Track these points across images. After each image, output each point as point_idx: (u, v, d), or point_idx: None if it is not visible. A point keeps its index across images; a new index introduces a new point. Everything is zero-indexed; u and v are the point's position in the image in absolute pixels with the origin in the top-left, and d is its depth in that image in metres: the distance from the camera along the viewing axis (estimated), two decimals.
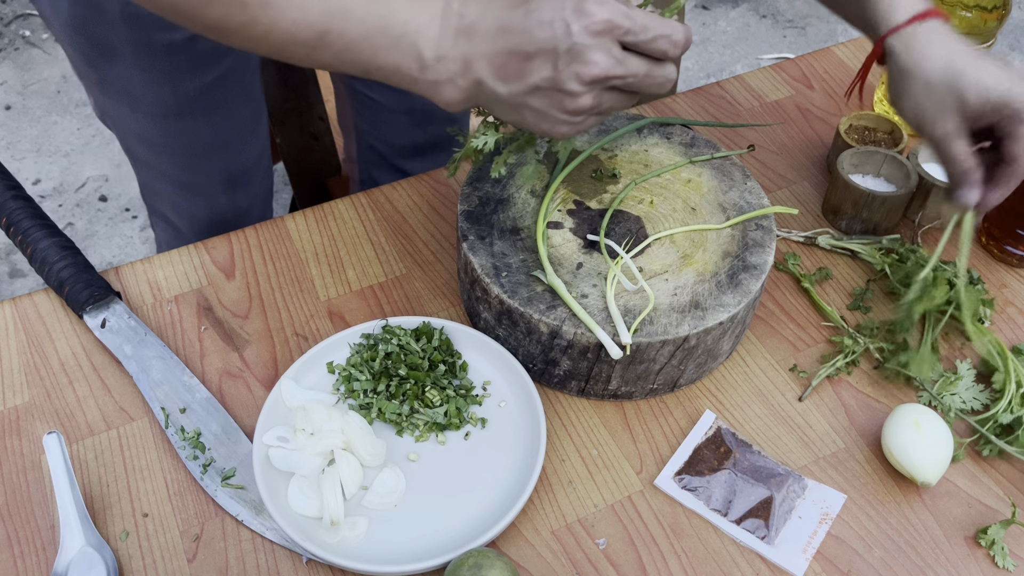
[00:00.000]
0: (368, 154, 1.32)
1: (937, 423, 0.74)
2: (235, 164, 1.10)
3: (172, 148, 1.04)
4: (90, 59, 0.94)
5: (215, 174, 1.09)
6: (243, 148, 1.10)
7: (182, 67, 0.95)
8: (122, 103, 0.99)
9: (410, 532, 0.71)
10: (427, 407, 0.77)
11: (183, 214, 1.14)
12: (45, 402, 0.81)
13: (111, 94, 0.98)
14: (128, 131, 1.04)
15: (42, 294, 0.89)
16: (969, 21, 0.94)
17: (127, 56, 0.92)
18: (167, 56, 0.93)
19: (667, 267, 0.80)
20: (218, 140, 1.05)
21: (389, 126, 1.26)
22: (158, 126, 1.01)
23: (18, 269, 2.01)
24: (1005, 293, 0.91)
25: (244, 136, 1.09)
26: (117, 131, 1.06)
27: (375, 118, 1.26)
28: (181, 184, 1.10)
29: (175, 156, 1.05)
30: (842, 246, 0.91)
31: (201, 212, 1.13)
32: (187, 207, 1.13)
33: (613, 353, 0.72)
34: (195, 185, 1.10)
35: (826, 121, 1.10)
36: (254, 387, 0.82)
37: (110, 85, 0.97)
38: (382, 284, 0.91)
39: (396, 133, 1.27)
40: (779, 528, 0.73)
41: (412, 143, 1.28)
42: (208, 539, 0.72)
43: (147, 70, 0.94)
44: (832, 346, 0.86)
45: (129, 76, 0.95)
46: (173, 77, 0.96)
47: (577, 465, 0.77)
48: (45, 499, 0.74)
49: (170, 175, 1.09)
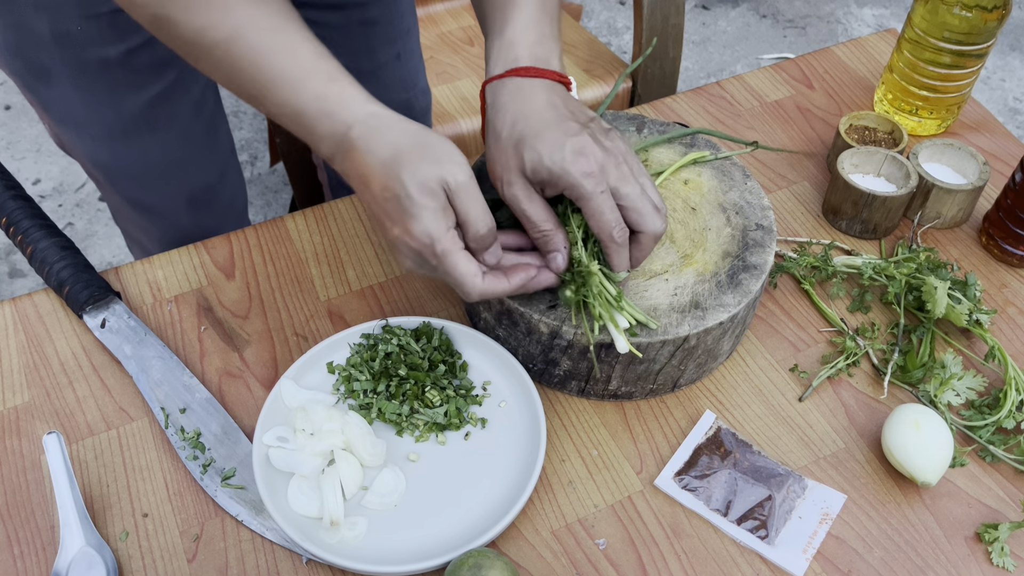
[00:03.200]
0: None
1: (937, 423, 0.74)
2: (195, 182, 1.07)
3: (124, 170, 1.01)
4: (29, 84, 0.92)
5: (174, 194, 1.06)
6: (202, 165, 1.07)
7: (121, 84, 0.92)
8: (68, 127, 0.97)
9: (410, 532, 0.71)
10: (427, 407, 0.77)
11: (152, 237, 1.12)
12: (45, 402, 0.81)
13: (56, 119, 0.96)
14: (81, 156, 1.01)
15: (42, 294, 0.89)
16: (969, 21, 0.94)
17: (63, 77, 0.90)
18: (103, 74, 0.90)
19: (667, 267, 0.80)
20: (171, 158, 1.02)
21: None
22: (106, 148, 0.98)
23: (18, 269, 2.01)
24: (1005, 293, 0.91)
25: (201, 152, 1.06)
26: (74, 156, 1.03)
27: None
28: (141, 206, 1.07)
29: (129, 179, 1.03)
30: (849, 264, 0.90)
31: (167, 234, 1.10)
32: (154, 229, 1.11)
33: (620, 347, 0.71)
34: (155, 207, 1.07)
35: (826, 121, 1.10)
36: (254, 387, 0.82)
37: (53, 109, 0.95)
38: (382, 284, 0.91)
39: None
40: (779, 528, 0.73)
41: None
42: (208, 539, 0.72)
43: (85, 90, 0.92)
44: (833, 347, 0.86)
45: (69, 98, 0.92)
46: (113, 95, 0.93)
47: (577, 465, 0.77)
48: (45, 499, 0.74)
49: (129, 198, 1.06)
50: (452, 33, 1.61)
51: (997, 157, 1.05)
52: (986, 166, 0.94)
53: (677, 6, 1.40)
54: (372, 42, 1.11)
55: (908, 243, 0.93)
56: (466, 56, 1.55)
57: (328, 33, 1.08)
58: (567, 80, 0.75)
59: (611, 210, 0.68)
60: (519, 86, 0.71)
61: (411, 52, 1.19)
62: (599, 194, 0.68)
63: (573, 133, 0.68)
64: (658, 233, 0.71)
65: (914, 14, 0.98)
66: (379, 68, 1.15)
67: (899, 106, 1.06)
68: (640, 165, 0.72)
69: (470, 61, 1.54)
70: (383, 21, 1.11)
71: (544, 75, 0.72)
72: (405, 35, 1.16)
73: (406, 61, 1.17)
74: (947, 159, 0.97)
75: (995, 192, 1.00)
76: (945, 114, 1.05)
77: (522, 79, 0.72)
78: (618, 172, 0.69)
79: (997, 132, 1.09)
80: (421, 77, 1.24)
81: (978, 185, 0.93)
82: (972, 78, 1.01)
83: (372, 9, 1.09)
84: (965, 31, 0.95)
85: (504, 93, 0.72)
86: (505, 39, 0.74)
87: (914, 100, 1.04)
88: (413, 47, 1.19)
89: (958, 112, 1.06)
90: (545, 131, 0.68)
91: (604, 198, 0.68)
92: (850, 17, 2.76)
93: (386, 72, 1.17)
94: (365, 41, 1.11)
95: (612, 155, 0.69)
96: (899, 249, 0.92)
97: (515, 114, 0.70)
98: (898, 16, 2.75)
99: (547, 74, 0.72)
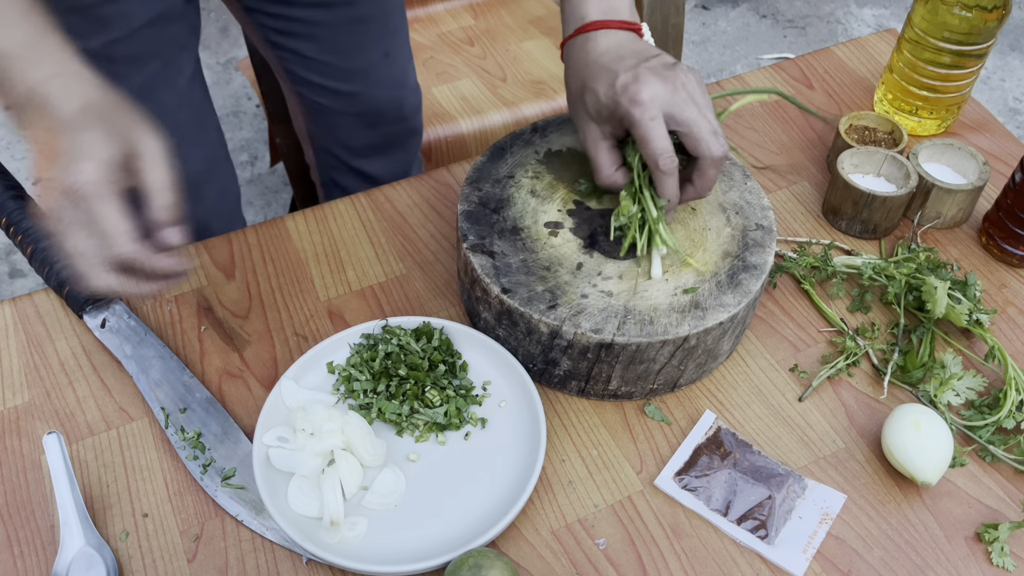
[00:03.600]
0: (325, 158, 1.31)
1: (937, 423, 0.74)
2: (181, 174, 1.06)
3: None
4: None
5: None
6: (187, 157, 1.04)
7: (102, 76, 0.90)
8: None
9: (410, 532, 0.71)
10: (427, 407, 0.77)
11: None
12: (45, 402, 0.81)
13: None
14: None
15: (42, 294, 0.89)
16: (969, 21, 0.94)
17: None
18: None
19: (667, 267, 0.80)
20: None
21: (341, 129, 1.25)
22: None
23: (18, 269, 2.01)
24: (1005, 293, 0.91)
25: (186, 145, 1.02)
26: None
27: (326, 122, 1.24)
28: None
29: None
30: (849, 264, 0.90)
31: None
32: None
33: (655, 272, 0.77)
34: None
35: (826, 121, 1.10)
36: (254, 387, 0.82)
37: None
38: (382, 284, 0.91)
39: (349, 135, 1.26)
40: (779, 528, 0.73)
41: (367, 144, 1.27)
42: (208, 539, 0.72)
43: None
44: (833, 347, 0.86)
45: None
46: None
47: (577, 465, 0.77)
48: (45, 499, 0.74)
49: None
50: (452, 33, 1.61)
51: (997, 157, 1.05)
52: (986, 166, 0.94)
53: (677, 6, 1.40)
54: (361, 40, 1.11)
55: (908, 243, 0.93)
56: (466, 56, 1.55)
57: (317, 31, 1.07)
58: (637, 26, 0.77)
59: (660, 138, 0.70)
60: (586, 40, 0.75)
61: (400, 50, 1.19)
62: (648, 121, 0.70)
63: (627, 68, 0.71)
64: (715, 157, 0.72)
65: (914, 14, 0.98)
66: (369, 66, 1.15)
67: (899, 106, 1.06)
68: (704, 95, 0.73)
69: (470, 61, 1.54)
70: (372, 19, 1.11)
71: (610, 25, 0.75)
72: (394, 33, 1.16)
73: (395, 59, 1.17)
74: (947, 159, 0.97)
75: (995, 192, 1.00)
76: (945, 114, 1.05)
77: (589, 33, 0.75)
78: (674, 99, 0.70)
79: (997, 132, 1.09)
80: (411, 75, 1.24)
81: (978, 185, 0.93)
82: (972, 78, 1.01)
83: (361, 7, 1.08)
84: (965, 31, 0.95)
85: (574, 51, 0.76)
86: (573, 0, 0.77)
87: (914, 100, 1.04)
88: (402, 45, 1.19)
89: (958, 112, 1.06)
90: (601, 73, 0.72)
91: (654, 125, 0.70)
92: (850, 17, 2.76)
93: (375, 70, 1.17)
94: (354, 39, 1.11)
95: (669, 82, 0.71)
96: (899, 249, 0.92)
97: (579, 66, 0.75)
98: (898, 16, 2.74)
99: (613, 24, 0.75)
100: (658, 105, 0.70)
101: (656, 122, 0.70)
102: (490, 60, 1.54)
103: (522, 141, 0.90)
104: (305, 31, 1.07)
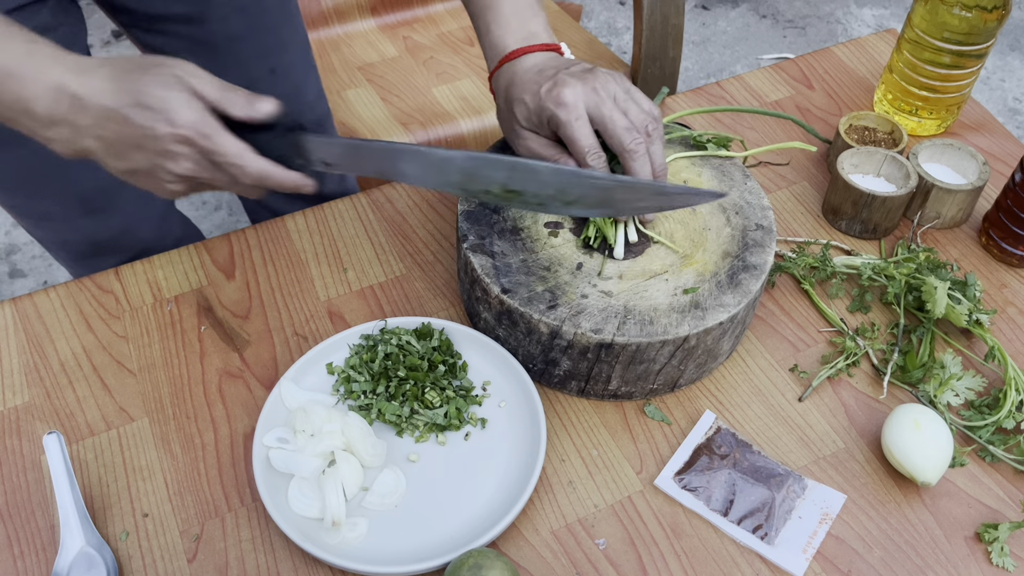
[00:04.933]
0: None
1: (937, 423, 0.74)
2: (86, 186, 1.02)
3: (4, 181, 0.98)
4: None
5: (64, 199, 1.02)
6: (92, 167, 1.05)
7: None
8: None
9: (410, 532, 0.71)
10: (427, 408, 0.77)
11: (55, 243, 1.09)
12: (45, 402, 0.81)
13: None
14: None
15: (42, 294, 0.89)
16: (969, 21, 0.94)
17: None
18: None
19: (667, 267, 0.80)
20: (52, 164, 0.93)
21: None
22: None
23: (18, 269, 2.01)
24: (1005, 293, 0.91)
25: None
26: None
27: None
28: (33, 214, 1.04)
29: (13, 188, 1.00)
30: (848, 264, 0.90)
31: (69, 237, 1.07)
32: (52, 235, 1.08)
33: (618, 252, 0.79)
34: (48, 214, 1.04)
35: (826, 121, 1.10)
36: (254, 387, 0.82)
37: None
38: (382, 284, 0.91)
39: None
40: (779, 528, 0.73)
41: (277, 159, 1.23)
42: (208, 539, 0.72)
43: None
44: (832, 347, 0.86)
45: None
46: None
47: (577, 465, 0.77)
48: (45, 499, 0.74)
49: (18, 207, 1.03)
50: (452, 33, 1.61)
51: (997, 157, 1.05)
52: (986, 166, 0.94)
53: (677, 6, 1.40)
54: (240, 56, 1.07)
55: (908, 243, 0.93)
56: (466, 56, 1.55)
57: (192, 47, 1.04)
58: (556, 47, 0.81)
59: (585, 136, 0.74)
60: (511, 66, 0.79)
61: (290, 66, 1.14)
62: (573, 121, 0.74)
63: (549, 76, 0.75)
64: (628, 151, 0.74)
65: (914, 14, 0.98)
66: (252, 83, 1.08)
67: (899, 106, 1.06)
68: (619, 86, 0.76)
69: (470, 61, 1.54)
70: (249, 36, 1.07)
71: (531, 50, 0.79)
72: (281, 49, 1.11)
73: (284, 76, 1.13)
74: (947, 159, 0.97)
75: (995, 192, 1.00)
76: (945, 114, 1.05)
77: (513, 61, 0.79)
78: (594, 97, 0.74)
79: (997, 132, 1.09)
80: (309, 91, 1.19)
81: (978, 185, 0.93)
82: (972, 78, 1.01)
83: (234, 24, 1.05)
84: (965, 31, 0.95)
85: (500, 79, 0.80)
86: (493, 35, 0.81)
87: (914, 100, 1.04)
88: (295, 61, 1.14)
89: (958, 112, 1.06)
90: (527, 85, 0.76)
91: (579, 124, 0.74)
92: (850, 17, 2.76)
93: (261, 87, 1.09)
94: (232, 56, 1.06)
95: (588, 84, 0.74)
96: (899, 249, 0.92)
97: (506, 87, 0.79)
98: (898, 16, 2.74)
99: (534, 49, 0.80)
100: (581, 105, 0.74)
101: (581, 121, 0.74)
102: None
103: None
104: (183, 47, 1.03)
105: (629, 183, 0.74)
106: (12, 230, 2.07)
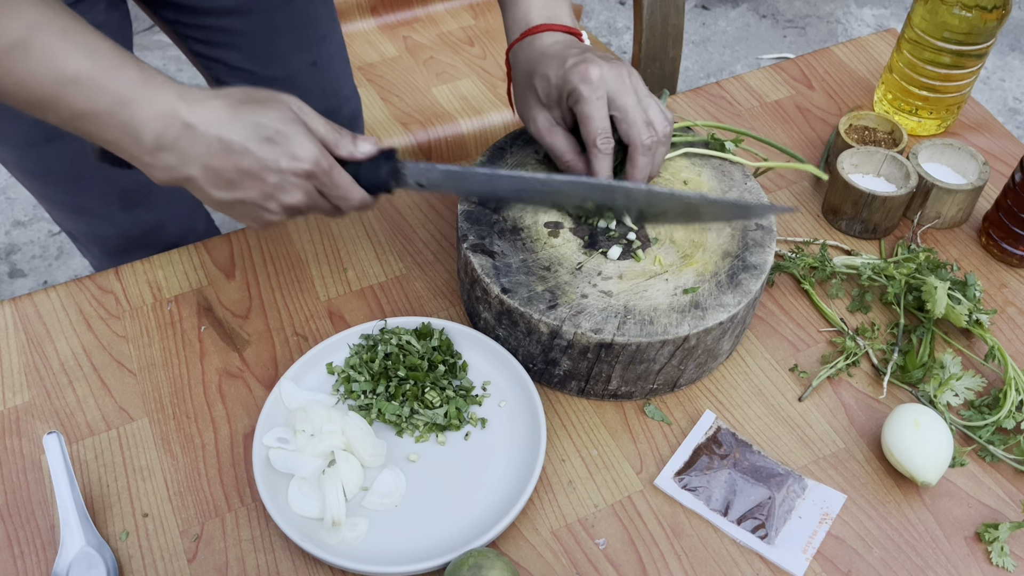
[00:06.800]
0: None
1: (937, 423, 0.74)
2: (126, 180, 1.02)
3: (50, 175, 0.99)
4: None
5: (105, 193, 1.04)
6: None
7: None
8: None
9: (410, 532, 0.71)
10: (427, 408, 0.77)
11: (88, 237, 1.10)
12: (45, 402, 0.81)
13: None
14: (5, 161, 0.99)
15: (42, 294, 0.89)
16: (969, 21, 0.94)
17: None
18: None
19: (667, 267, 0.80)
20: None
21: None
22: (30, 154, 0.96)
23: (18, 269, 2.01)
24: (1005, 293, 0.91)
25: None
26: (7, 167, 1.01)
27: None
28: (71, 208, 1.05)
29: (56, 182, 1.01)
30: (848, 264, 0.90)
31: (104, 231, 1.08)
32: (87, 229, 1.09)
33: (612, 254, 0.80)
34: (87, 208, 1.05)
35: (826, 121, 1.10)
36: (254, 387, 0.82)
37: None
38: (382, 284, 0.91)
39: None
40: (779, 528, 0.73)
41: None
42: (208, 539, 0.72)
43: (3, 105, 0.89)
44: (832, 347, 0.86)
45: None
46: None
47: (577, 465, 0.77)
48: (45, 499, 0.74)
49: (57, 200, 1.05)
50: (452, 33, 1.61)
51: (997, 157, 1.05)
52: (986, 166, 0.94)
53: (677, 6, 1.40)
54: (283, 49, 1.09)
55: (908, 243, 0.93)
56: (466, 56, 1.55)
57: (238, 40, 1.05)
58: (577, 32, 0.82)
59: (602, 118, 0.75)
60: (532, 40, 0.79)
61: (330, 59, 1.16)
62: (594, 99, 0.74)
63: (575, 55, 0.76)
64: (643, 144, 0.75)
65: (914, 14, 0.98)
66: (293, 75, 1.13)
67: (899, 106, 1.06)
68: (645, 90, 0.77)
69: (470, 61, 1.54)
70: (293, 28, 1.08)
71: (554, 29, 0.80)
72: (320, 42, 1.13)
73: (324, 69, 1.15)
74: (947, 159, 0.97)
75: (995, 192, 1.00)
76: (945, 114, 1.05)
77: (535, 35, 0.80)
78: (618, 83, 0.74)
79: (997, 132, 1.09)
80: (345, 84, 1.21)
81: (978, 185, 0.93)
82: (972, 78, 1.01)
83: (280, 16, 1.06)
84: (965, 31, 0.95)
85: (521, 52, 0.80)
86: (519, 8, 0.81)
87: (914, 100, 1.04)
88: (333, 55, 1.16)
89: (958, 112, 1.06)
90: (551, 60, 0.76)
91: (599, 104, 0.74)
92: (850, 17, 2.76)
93: (301, 80, 1.14)
94: (276, 48, 1.08)
95: (615, 69, 0.74)
96: (899, 249, 0.92)
97: (527, 60, 0.79)
98: (898, 16, 2.74)
99: (557, 28, 0.80)
100: (604, 87, 0.74)
101: (601, 101, 0.74)
102: (490, 60, 1.54)
103: (522, 141, 0.90)
104: (227, 40, 1.04)
105: (712, 200, 0.77)
106: (12, 230, 2.07)
